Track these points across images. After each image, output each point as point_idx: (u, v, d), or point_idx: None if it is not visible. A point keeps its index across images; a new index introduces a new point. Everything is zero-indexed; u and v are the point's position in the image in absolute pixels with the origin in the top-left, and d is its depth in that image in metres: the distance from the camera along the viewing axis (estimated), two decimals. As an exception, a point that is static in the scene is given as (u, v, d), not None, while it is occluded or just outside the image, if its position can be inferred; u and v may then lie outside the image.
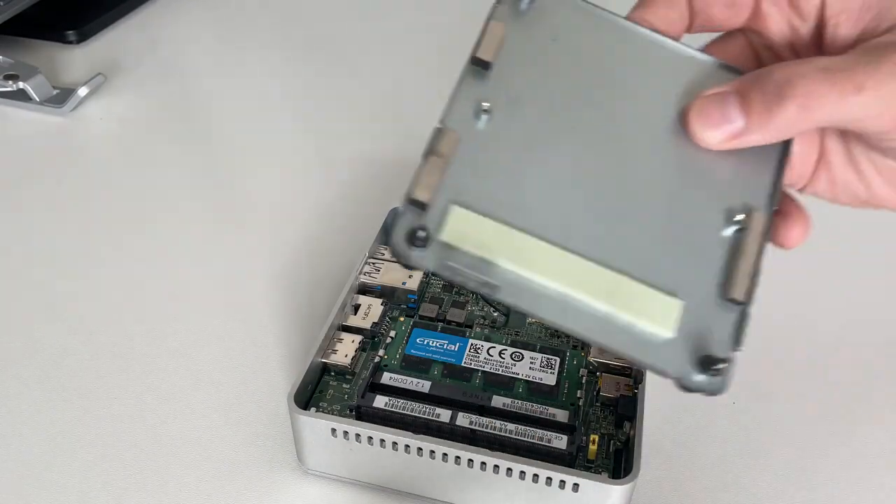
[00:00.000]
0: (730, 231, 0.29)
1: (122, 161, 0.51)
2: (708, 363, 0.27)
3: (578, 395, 0.33)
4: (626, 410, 0.33)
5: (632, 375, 0.35)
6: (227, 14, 0.65)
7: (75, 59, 0.60)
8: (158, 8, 0.65)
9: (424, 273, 0.39)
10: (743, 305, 0.28)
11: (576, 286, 0.27)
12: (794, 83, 0.27)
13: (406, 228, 0.26)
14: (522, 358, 0.35)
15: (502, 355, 0.35)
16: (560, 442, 0.31)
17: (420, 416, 0.32)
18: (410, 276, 0.38)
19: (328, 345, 0.35)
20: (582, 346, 0.36)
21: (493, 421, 0.31)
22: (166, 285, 0.43)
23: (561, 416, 0.32)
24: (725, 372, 0.27)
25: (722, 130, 0.29)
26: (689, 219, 0.29)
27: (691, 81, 0.31)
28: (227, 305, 0.42)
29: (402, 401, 0.32)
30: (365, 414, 0.32)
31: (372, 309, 0.37)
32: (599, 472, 0.31)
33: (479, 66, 0.30)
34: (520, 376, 0.34)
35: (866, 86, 0.27)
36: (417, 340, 0.35)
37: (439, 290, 0.39)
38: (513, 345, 0.35)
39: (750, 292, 0.28)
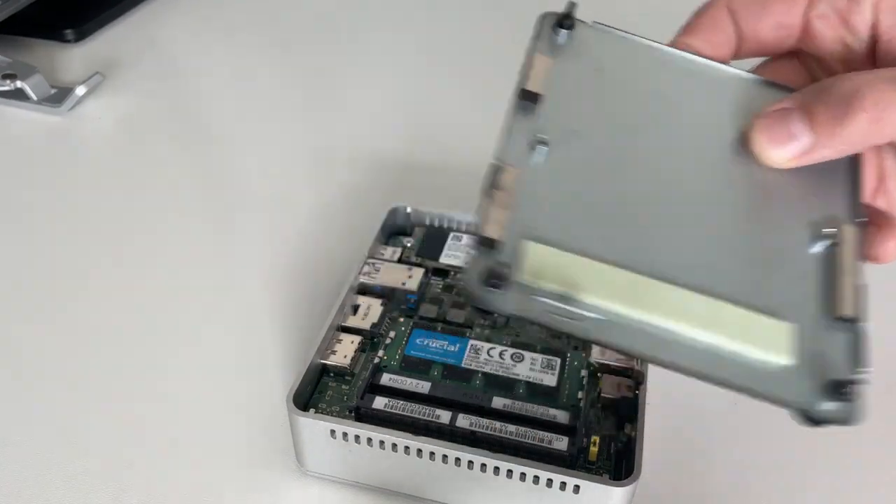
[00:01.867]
0: (819, 247, 0.27)
1: (120, 160, 0.51)
2: (836, 388, 0.24)
3: (579, 397, 0.33)
4: (627, 411, 0.33)
5: (632, 376, 0.34)
6: (226, 12, 0.65)
7: (73, 59, 0.60)
8: (157, 7, 0.65)
9: (424, 273, 0.38)
10: (856, 322, 0.26)
11: (672, 317, 0.25)
12: (863, 93, 0.26)
13: (480, 269, 0.24)
14: (523, 359, 0.34)
15: (503, 356, 0.35)
16: (561, 443, 0.31)
17: (420, 417, 0.31)
18: (410, 277, 0.38)
19: (327, 345, 0.35)
20: (583, 347, 0.35)
21: (494, 422, 0.31)
22: (164, 285, 0.42)
23: (562, 417, 0.32)
24: (855, 396, 0.24)
25: (789, 148, 0.28)
26: (772, 238, 0.27)
27: (744, 102, 0.30)
28: (226, 305, 0.41)
29: (401, 402, 0.32)
30: (364, 415, 0.32)
31: (371, 309, 0.37)
32: (600, 474, 0.31)
33: (527, 99, 0.28)
34: (520, 377, 0.34)
35: None
36: (417, 341, 0.35)
37: (439, 290, 0.39)
38: (513, 345, 0.35)
39: (861, 307, 0.26)
